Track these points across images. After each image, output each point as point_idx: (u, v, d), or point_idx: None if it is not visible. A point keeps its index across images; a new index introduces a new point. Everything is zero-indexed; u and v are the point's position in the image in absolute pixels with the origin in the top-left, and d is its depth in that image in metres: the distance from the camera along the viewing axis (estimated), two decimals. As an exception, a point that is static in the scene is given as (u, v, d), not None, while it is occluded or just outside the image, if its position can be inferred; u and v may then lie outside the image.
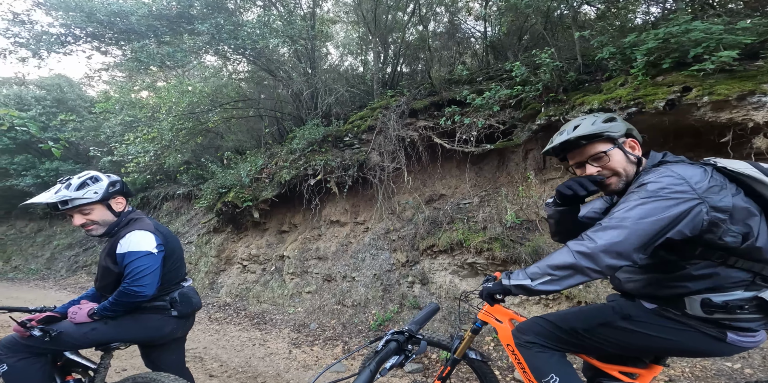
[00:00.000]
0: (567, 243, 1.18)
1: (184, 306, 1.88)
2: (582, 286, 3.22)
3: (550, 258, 1.17)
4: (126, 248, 1.71)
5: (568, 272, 1.11)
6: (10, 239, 13.76)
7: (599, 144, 1.28)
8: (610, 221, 1.12)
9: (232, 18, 5.02)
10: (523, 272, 1.22)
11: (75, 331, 1.70)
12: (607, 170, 1.28)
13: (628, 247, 1.06)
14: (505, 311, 1.65)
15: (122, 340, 1.80)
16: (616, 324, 1.28)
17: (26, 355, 1.66)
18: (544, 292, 1.18)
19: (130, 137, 6.61)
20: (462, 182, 4.83)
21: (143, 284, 1.66)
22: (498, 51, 6.37)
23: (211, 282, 6.19)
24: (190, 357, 3.72)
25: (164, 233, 1.91)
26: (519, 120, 4.30)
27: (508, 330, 1.55)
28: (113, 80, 11.53)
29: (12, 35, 5.28)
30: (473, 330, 1.70)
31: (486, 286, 1.37)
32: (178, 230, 7.87)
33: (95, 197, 1.75)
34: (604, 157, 1.27)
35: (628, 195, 1.17)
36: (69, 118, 9.01)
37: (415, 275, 4.28)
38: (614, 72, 3.68)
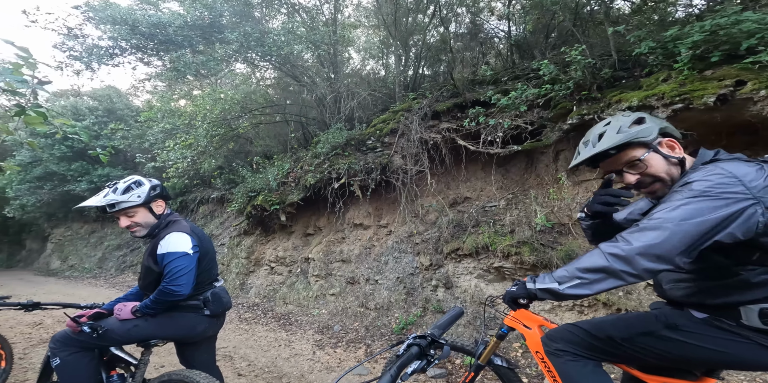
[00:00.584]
0: (599, 245, 1.07)
1: (216, 305, 1.90)
2: (622, 292, 2.94)
3: (580, 261, 1.08)
4: (165, 249, 1.76)
5: (599, 275, 1.02)
6: (67, 240, 14.80)
7: (632, 150, 1.16)
8: (649, 222, 1.01)
9: (259, 26, 5.13)
10: (549, 276, 1.13)
11: (119, 327, 1.76)
12: (647, 177, 1.16)
13: (670, 250, 0.96)
14: (534, 316, 1.54)
15: (160, 337, 1.85)
16: (660, 334, 1.16)
17: (77, 349, 1.75)
18: (573, 297, 1.08)
19: (170, 144, 6.90)
20: (487, 185, 4.61)
21: (180, 283, 1.70)
22: (523, 50, 6.10)
23: (241, 283, 6.29)
24: (221, 355, 3.75)
25: (199, 234, 1.95)
26: (548, 120, 4.06)
27: (537, 337, 1.45)
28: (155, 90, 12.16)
29: (67, 49, 5.68)
30: (498, 336, 1.60)
31: (509, 290, 1.28)
32: (212, 232, 8.11)
33: (138, 200, 1.83)
34: (640, 164, 1.16)
35: (670, 195, 1.07)
36: (118, 127, 9.58)
37: (438, 279, 4.11)
38: (655, 67, 3.42)
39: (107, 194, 1.82)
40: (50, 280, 11.17)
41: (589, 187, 3.64)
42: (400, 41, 5.88)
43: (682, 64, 3.03)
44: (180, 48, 5.23)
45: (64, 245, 14.69)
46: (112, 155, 12.61)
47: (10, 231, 17.98)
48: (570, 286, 1.06)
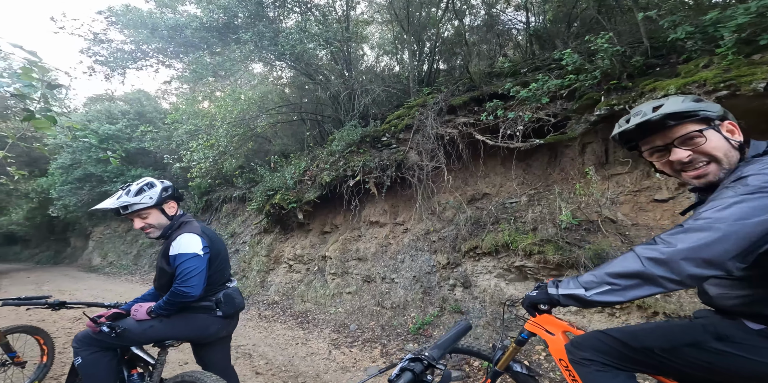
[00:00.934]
0: (634, 248, 0.94)
1: (228, 306, 1.87)
2: (659, 295, 2.67)
3: (611, 265, 0.95)
4: (177, 250, 1.74)
5: (633, 281, 0.90)
6: (106, 238, 15.50)
7: (692, 124, 1.01)
8: (695, 223, 0.88)
9: (273, 26, 5.08)
10: (574, 281, 1.02)
11: (136, 328, 1.76)
12: (702, 156, 1.01)
13: (722, 253, 0.82)
14: (558, 322, 1.44)
15: (174, 338, 1.84)
16: (708, 346, 1.03)
17: (97, 349, 1.76)
18: (602, 303, 0.96)
19: (193, 145, 7.01)
20: (508, 180, 4.37)
21: (191, 284, 1.68)
22: (544, 40, 5.75)
23: (262, 281, 6.32)
24: (240, 353, 3.74)
25: (210, 235, 1.91)
26: (573, 112, 3.79)
27: (561, 344, 1.35)
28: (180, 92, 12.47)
29: (93, 54, 5.87)
30: (518, 342, 1.50)
31: (529, 295, 1.18)
32: (235, 230, 8.22)
33: (150, 202, 1.81)
34: (698, 137, 1.00)
35: (720, 191, 0.92)
36: (147, 129, 9.88)
37: (456, 278, 3.92)
38: (694, 53, 3.13)
39: (120, 196, 1.82)
40: (91, 276, 11.72)
41: (620, 181, 3.35)
42: (414, 36, 5.68)
43: (725, 49, 2.76)
44: (198, 50, 5.28)
45: (103, 243, 15.39)
46: (144, 156, 13.10)
47: (56, 230, 19.09)
48: (598, 292, 0.94)
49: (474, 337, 3.44)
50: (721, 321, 1.08)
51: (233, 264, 7.39)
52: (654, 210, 3.04)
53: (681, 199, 2.96)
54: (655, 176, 3.04)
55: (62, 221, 16.81)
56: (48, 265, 17.87)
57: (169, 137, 9.50)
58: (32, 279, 10.41)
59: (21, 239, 22.59)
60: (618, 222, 3.13)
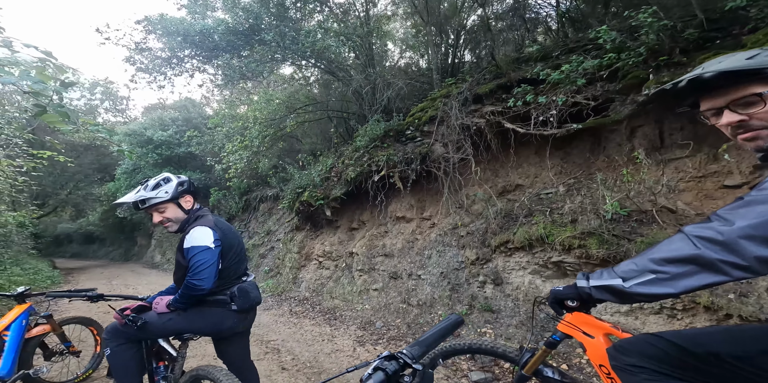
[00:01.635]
0: (683, 228, 0.78)
1: (243, 300, 1.80)
2: (734, 294, 2.16)
3: (655, 250, 0.79)
4: (189, 243, 1.71)
5: (686, 268, 0.72)
6: (165, 237, 16.57)
7: (754, 85, 0.82)
8: (760, 193, 0.72)
9: (296, 26, 5.02)
10: (609, 271, 0.86)
11: (157, 321, 1.75)
12: (758, 120, 0.83)
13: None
14: (598, 322, 1.22)
15: (192, 331, 1.81)
16: None
17: (124, 341, 1.76)
18: (647, 297, 0.77)
19: (229, 146, 7.19)
20: (543, 170, 3.91)
21: (201, 277, 1.63)
22: (577, 22, 5.18)
23: (294, 277, 6.29)
24: (270, 348, 3.66)
25: (223, 228, 1.84)
26: (616, 93, 3.31)
27: (602, 348, 1.15)
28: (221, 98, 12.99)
29: (133, 62, 6.18)
30: (548, 344, 1.32)
31: (555, 289, 1.02)
32: (270, 228, 8.34)
33: (166, 196, 1.79)
34: (758, 101, 0.82)
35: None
36: (193, 134, 10.37)
37: (486, 275, 3.56)
38: (761, 22, 2.64)
39: (138, 191, 1.81)
40: (153, 272, 12.55)
41: (680, 166, 2.82)
42: (435, 26, 5.35)
43: None
44: (226, 53, 5.36)
45: (163, 242, 16.48)
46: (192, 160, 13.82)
47: (126, 230, 20.80)
48: (640, 282, 0.77)
49: (506, 337, 3.08)
50: None
51: (269, 261, 7.47)
52: (724, 197, 2.50)
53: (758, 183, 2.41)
54: (725, 158, 2.51)
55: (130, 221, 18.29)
56: (119, 262, 19.52)
57: (211, 140, 9.91)
58: (105, 275, 11.35)
59: (98, 239, 24.93)
60: (678, 212, 2.62)
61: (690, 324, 2.32)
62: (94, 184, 18.24)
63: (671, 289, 0.74)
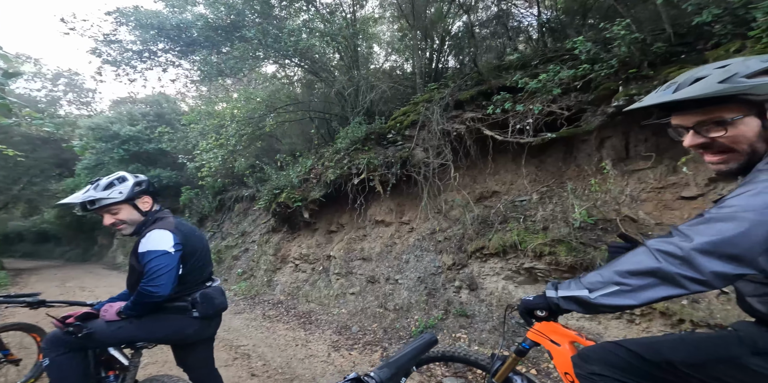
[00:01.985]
0: (646, 241, 0.80)
1: (206, 306, 1.73)
2: (687, 300, 2.36)
3: (620, 262, 0.81)
4: (145, 247, 1.62)
5: (647, 280, 0.75)
6: (128, 237, 15.89)
7: (723, 110, 0.84)
8: (719, 211, 0.74)
9: (279, 24, 4.99)
10: (576, 282, 0.88)
11: (105, 329, 1.64)
12: (719, 144, 0.86)
13: (749, 247, 0.68)
14: (564, 330, 1.29)
15: (146, 340, 1.73)
16: (744, 361, 0.87)
17: (66, 350, 1.63)
18: (610, 308, 0.80)
19: (203, 144, 7.01)
20: (518, 177, 4.09)
21: (158, 284, 1.55)
22: (556, 32, 5.44)
23: (268, 280, 6.22)
24: (240, 353, 3.61)
25: (185, 231, 1.76)
26: (588, 103, 3.50)
27: (568, 356, 1.20)
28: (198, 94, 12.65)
29: (99, 54, 5.92)
30: (518, 352, 1.37)
31: (525, 299, 1.04)
32: (245, 229, 8.18)
33: (120, 196, 1.70)
34: (721, 128, 0.84)
35: (753, 175, 0.79)
36: (165, 130, 10.02)
37: (462, 280, 3.67)
38: (723, 38, 2.84)
39: (88, 191, 1.69)
40: (113, 274, 11.98)
41: (642, 177, 3.03)
42: (421, 31, 5.47)
43: (759, 31, 2.48)
44: (204, 49, 5.24)
45: (126, 241, 15.75)
46: (162, 157, 13.33)
47: (85, 228, 19.74)
48: (605, 294, 0.79)
49: (479, 342, 3.19)
50: (762, 333, 0.91)
51: (242, 263, 7.33)
52: (681, 208, 2.72)
53: (712, 196, 2.64)
54: (683, 171, 2.72)
55: (89, 220, 17.38)
56: (77, 262, 18.50)
57: (184, 137, 9.61)
58: (59, 276, 10.72)
59: (53, 238, 23.53)
60: (639, 221, 2.82)
61: (647, 329, 2.50)
62: (52, 179, 17.22)
63: (633, 300, 0.77)
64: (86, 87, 19.44)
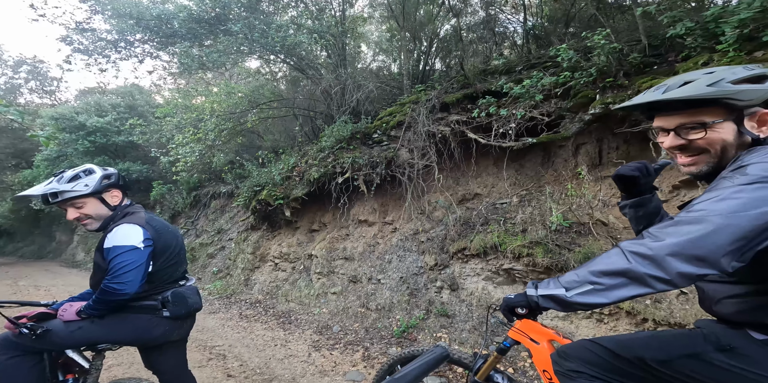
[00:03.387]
0: (619, 243, 0.86)
1: (178, 306, 1.68)
2: (650, 300, 2.57)
3: (594, 262, 0.86)
4: (111, 242, 1.55)
5: (618, 280, 0.80)
6: (91, 233, 15.17)
7: (705, 114, 0.91)
8: (687, 215, 0.80)
9: (266, 19, 4.96)
10: (555, 281, 0.93)
11: (62, 330, 1.57)
12: (695, 147, 0.94)
13: (714, 249, 0.73)
14: (543, 329, 1.35)
15: (109, 341, 1.65)
16: (708, 357, 0.92)
17: (18, 353, 1.54)
18: (585, 306, 0.85)
19: (179, 138, 6.85)
20: (499, 180, 4.27)
21: (124, 281, 1.48)
22: (540, 39, 5.71)
23: (246, 279, 6.16)
24: (215, 354, 3.58)
25: (157, 227, 1.71)
26: (567, 110, 3.71)
27: (546, 353, 1.27)
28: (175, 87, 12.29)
29: (70, 42, 5.67)
30: (499, 350, 1.43)
31: (507, 297, 1.09)
32: (222, 226, 8.04)
33: (86, 190, 1.62)
34: (700, 130, 0.91)
35: (718, 181, 0.85)
36: (137, 122, 9.67)
37: (444, 280, 3.81)
38: (693, 51, 3.07)
39: (50, 182, 1.61)
40: (73, 272, 11.44)
41: (613, 183, 3.25)
42: (410, 32, 5.59)
43: (726, 45, 2.69)
44: (186, 41, 5.13)
45: (88, 238, 15.03)
46: (132, 150, 12.87)
47: (41, 224, 18.71)
48: (580, 293, 0.84)
49: (460, 342, 3.33)
50: (724, 330, 0.97)
51: (218, 261, 7.21)
52: (647, 213, 2.95)
53: (675, 202, 2.88)
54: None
55: (48, 214, 16.48)
56: (31, 259, 17.50)
57: (158, 130, 9.31)
58: (10, 274, 10.13)
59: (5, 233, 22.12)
60: (609, 225, 3.04)
61: (614, 327, 2.71)
62: (7, 170, 16.24)
63: (605, 299, 0.81)
64: (51, 75, 18.52)
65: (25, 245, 20.40)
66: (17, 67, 17.55)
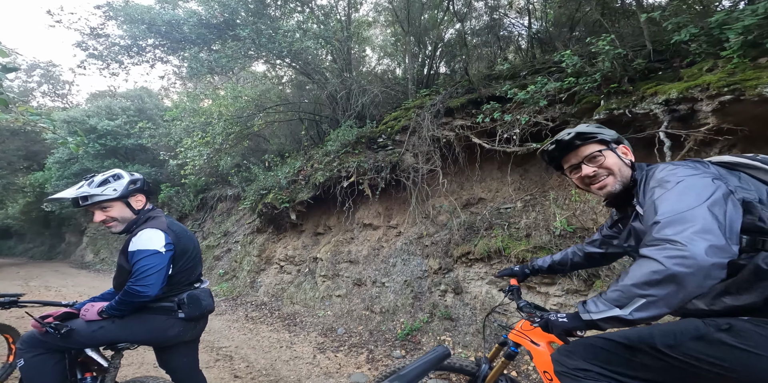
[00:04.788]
0: (642, 251, 0.89)
1: (192, 308, 1.75)
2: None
3: (631, 276, 0.88)
4: (136, 246, 1.64)
5: (669, 287, 0.82)
6: (100, 234, 15.39)
7: (594, 145, 1.26)
8: (673, 216, 0.88)
9: (274, 25, 5.08)
10: (601, 301, 0.93)
11: (85, 329, 1.65)
12: (603, 169, 1.23)
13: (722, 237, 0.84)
14: (542, 332, 1.34)
15: (128, 340, 1.73)
16: (714, 338, 0.96)
17: (42, 351, 1.63)
18: (647, 319, 0.86)
19: (187, 141, 6.98)
20: (504, 185, 4.30)
21: (147, 283, 1.56)
22: (545, 44, 5.74)
23: (252, 281, 6.24)
24: (222, 355, 3.65)
25: (177, 232, 1.79)
26: (572, 116, 3.73)
27: (547, 355, 1.29)
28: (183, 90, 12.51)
29: (85, 48, 5.85)
30: (507, 356, 1.44)
31: (559, 321, 1.02)
32: (228, 229, 8.16)
33: (114, 194, 1.72)
34: (599, 156, 1.24)
35: (652, 192, 1.01)
36: (146, 125, 9.87)
37: (448, 284, 3.84)
38: (698, 56, 3.07)
39: (81, 186, 1.71)
40: (82, 273, 11.64)
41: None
42: (414, 37, 5.66)
43: (731, 52, 2.69)
44: (195, 46, 5.27)
45: (97, 239, 15.30)
46: (142, 153, 13.09)
47: (52, 225, 19.05)
48: (636, 308, 0.86)
49: (463, 345, 3.36)
50: (718, 316, 1.01)
51: (224, 264, 7.31)
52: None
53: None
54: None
55: (57, 216, 16.77)
56: (41, 260, 17.82)
57: (167, 134, 9.49)
58: (21, 275, 10.35)
59: (16, 234, 22.57)
60: (614, 230, 3.06)
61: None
62: (19, 173, 16.60)
63: (665, 308, 0.84)
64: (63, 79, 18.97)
65: (36, 246, 20.79)
66: (30, 71, 18.02)
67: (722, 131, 2.64)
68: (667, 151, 2.94)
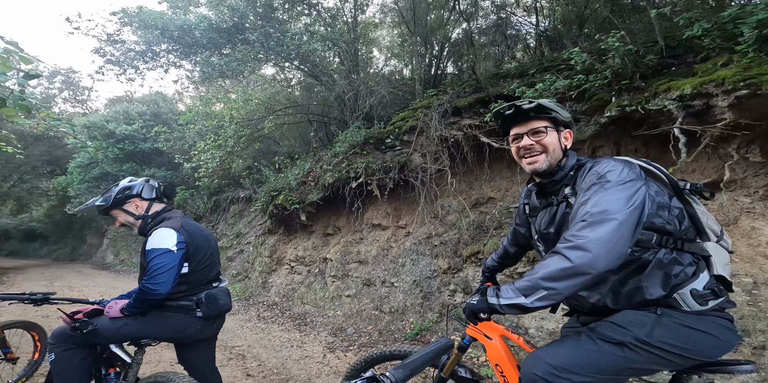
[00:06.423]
0: (558, 248, 0.99)
1: (210, 307, 1.79)
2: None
3: (544, 270, 0.98)
4: (150, 245, 1.69)
5: (569, 282, 0.95)
6: (120, 236, 15.81)
7: (544, 121, 1.27)
8: (599, 216, 0.98)
9: (282, 28, 5.14)
10: (512, 288, 1.02)
11: (109, 326, 1.70)
12: (540, 146, 1.26)
13: (624, 242, 0.96)
14: (496, 326, 1.48)
15: (149, 337, 1.78)
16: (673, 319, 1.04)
17: (72, 346, 1.70)
18: (543, 308, 1.00)
19: (200, 145, 7.12)
20: (513, 184, 4.24)
21: (158, 281, 1.61)
22: (553, 41, 5.64)
23: (263, 281, 6.30)
24: (234, 354, 3.70)
25: (190, 230, 1.82)
26: (582, 113, 3.66)
27: (498, 348, 1.39)
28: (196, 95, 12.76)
29: (103, 54, 6.05)
30: (460, 348, 1.53)
31: (470, 303, 1.15)
32: (240, 230, 8.27)
33: (105, 204, 1.85)
34: (542, 132, 1.25)
35: (589, 188, 1.07)
36: (161, 130, 10.10)
37: (457, 284, 3.80)
38: (712, 52, 2.97)
39: (97, 197, 1.89)
40: (102, 273, 11.97)
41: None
42: (421, 37, 5.65)
43: (745, 46, 2.59)
44: (206, 50, 5.38)
45: (117, 241, 15.71)
46: (158, 157, 13.39)
47: (74, 227, 19.66)
48: (537, 298, 0.97)
49: (473, 346, 3.31)
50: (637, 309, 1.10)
51: (237, 264, 7.41)
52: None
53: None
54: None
55: (80, 218, 17.33)
56: (64, 261, 18.39)
57: (181, 137, 9.69)
58: (46, 276, 10.70)
59: (40, 236, 23.36)
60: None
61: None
62: (43, 177, 17.20)
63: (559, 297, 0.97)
64: (83, 85, 19.58)
65: (59, 248, 21.47)
66: (52, 77, 18.66)
67: (740, 126, 2.55)
68: (683, 147, 2.85)
